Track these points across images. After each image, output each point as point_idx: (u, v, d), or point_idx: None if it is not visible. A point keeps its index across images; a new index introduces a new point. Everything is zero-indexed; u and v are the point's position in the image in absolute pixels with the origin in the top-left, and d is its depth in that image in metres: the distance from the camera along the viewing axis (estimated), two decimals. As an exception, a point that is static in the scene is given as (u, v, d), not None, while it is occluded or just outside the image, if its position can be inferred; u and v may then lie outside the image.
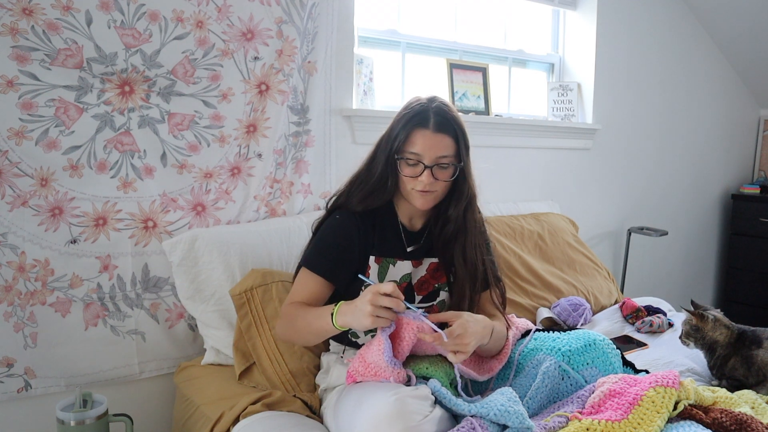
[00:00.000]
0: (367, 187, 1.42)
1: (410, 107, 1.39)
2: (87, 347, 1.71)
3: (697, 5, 3.33)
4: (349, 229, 1.42)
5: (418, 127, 1.35)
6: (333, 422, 1.33)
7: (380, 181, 1.41)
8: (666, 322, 2.13)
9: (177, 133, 1.79)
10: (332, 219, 1.45)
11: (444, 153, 1.36)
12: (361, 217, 1.44)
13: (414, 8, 2.55)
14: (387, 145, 1.40)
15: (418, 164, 1.36)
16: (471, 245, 1.45)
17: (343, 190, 1.48)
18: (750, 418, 1.20)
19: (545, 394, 1.31)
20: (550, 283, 2.28)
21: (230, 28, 1.81)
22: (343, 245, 1.41)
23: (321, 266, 1.41)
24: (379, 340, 1.23)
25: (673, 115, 3.42)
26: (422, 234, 1.50)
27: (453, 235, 1.44)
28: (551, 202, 2.79)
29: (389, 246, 1.46)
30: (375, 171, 1.42)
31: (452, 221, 1.44)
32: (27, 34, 1.54)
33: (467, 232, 1.44)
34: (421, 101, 1.39)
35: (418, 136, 1.35)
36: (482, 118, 2.52)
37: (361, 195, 1.43)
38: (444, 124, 1.36)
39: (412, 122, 1.36)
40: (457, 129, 1.37)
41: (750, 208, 3.67)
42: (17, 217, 1.59)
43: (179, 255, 1.74)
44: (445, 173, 1.38)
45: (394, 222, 1.48)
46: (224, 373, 1.68)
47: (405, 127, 1.36)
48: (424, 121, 1.35)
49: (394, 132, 1.38)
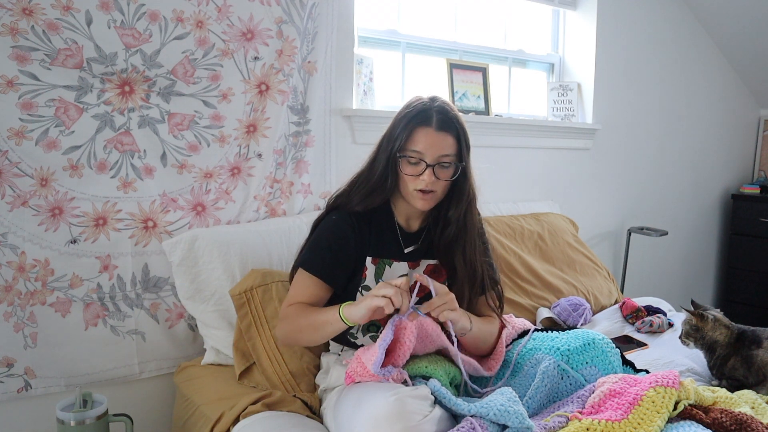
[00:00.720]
0: (368, 187, 1.42)
1: (412, 106, 1.39)
2: (87, 347, 1.71)
3: (697, 5, 3.33)
4: (344, 230, 1.43)
5: (420, 126, 1.35)
6: (333, 422, 1.33)
7: (380, 180, 1.41)
8: (666, 322, 2.13)
9: (177, 133, 1.79)
10: (328, 219, 1.46)
11: (446, 152, 1.36)
12: (357, 217, 1.44)
13: (414, 8, 2.55)
14: (389, 144, 1.39)
15: (420, 163, 1.36)
16: (471, 247, 1.45)
17: (344, 189, 1.48)
18: (750, 418, 1.20)
19: (544, 393, 1.31)
20: (550, 283, 2.28)
21: (230, 28, 1.81)
22: (339, 246, 1.42)
23: (318, 267, 1.41)
24: (374, 351, 1.24)
25: (673, 115, 3.42)
26: (420, 235, 1.50)
27: (454, 237, 1.44)
28: (551, 202, 2.79)
29: (386, 247, 1.46)
30: (376, 170, 1.41)
31: (453, 223, 1.44)
32: (27, 34, 1.54)
33: (467, 234, 1.44)
34: (423, 100, 1.39)
35: (420, 135, 1.35)
36: (482, 118, 2.52)
37: (362, 194, 1.43)
38: (447, 123, 1.36)
39: (414, 121, 1.36)
40: (459, 128, 1.38)
41: (750, 208, 3.67)
42: (17, 217, 1.59)
43: (179, 255, 1.74)
44: (447, 172, 1.38)
45: (391, 223, 1.48)
46: (224, 373, 1.68)
47: (407, 126, 1.36)
48: (426, 119, 1.35)
49: (396, 131, 1.38)
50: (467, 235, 1.44)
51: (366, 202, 1.42)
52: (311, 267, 1.42)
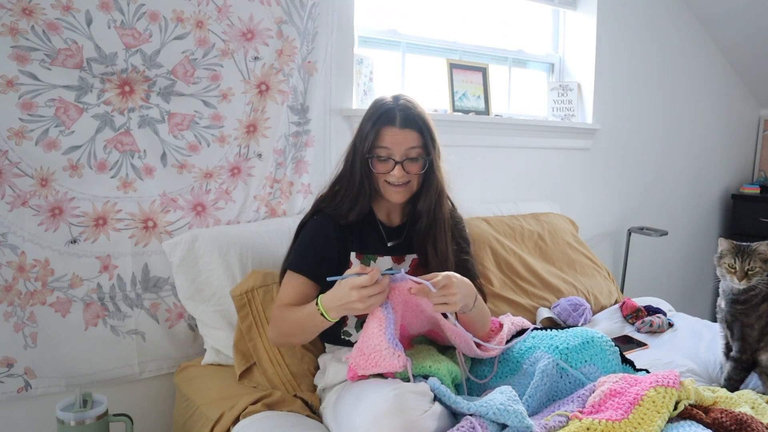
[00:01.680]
0: (353, 193, 1.47)
1: (376, 107, 1.45)
2: (87, 347, 1.71)
3: (696, 5, 3.33)
4: (326, 229, 1.47)
5: (385, 125, 1.41)
6: (333, 421, 1.33)
7: (360, 184, 1.46)
8: (666, 322, 2.13)
9: (177, 133, 1.79)
10: (311, 221, 1.51)
11: (411, 144, 1.42)
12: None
13: (414, 8, 2.55)
14: (360, 146, 1.45)
15: (388, 160, 1.42)
16: (442, 238, 1.49)
17: (326, 194, 1.53)
18: (750, 418, 1.20)
19: (544, 392, 1.31)
20: (550, 283, 2.28)
21: (230, 28, 1.81)
22: (322, 244, 1.46)
23: (303, 266, 1.45)
24: (380, 318, 1.22)
25: (673, 115, 3.42)
26: (402, 230, 1.54)
27: (426, 229, 1.49)
28: (551, 202, 2.79)
29: (369, 242, 1.51)
30: (356, 175, 1.46)
31: (423, 215, 1.48)
32: (27, 34, 1.54)
33: (437, 225, 1.49)
34: (387, 101, 1.45)
35: (386, 134, 1.41)
36: (482, 118, 2.52)
37: (349, 202, 1.47)
38: (409, 120, 1.42)
39: (380, 121, 1.42)
40: (422, 124, 1.43)
41: (750, 208, 3.67)
42: (17, 217, 1.59)
43: (179, 255, 1.74)
44: (416, 166, 1.44)
45: (372, 218, 1.52)
46: (224, 373, 1.68)
47: (374, 127, 1.42)
48: (390, 119, 1.41)
49: (364, 133, 1.44)
50: (437, 226, 1.49)
51: (357, 210, 1.47)
52: (296, 266, 1.46)
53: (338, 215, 1.47)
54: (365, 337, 1.25)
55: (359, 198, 1.46)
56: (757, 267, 1.55)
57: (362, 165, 1.44)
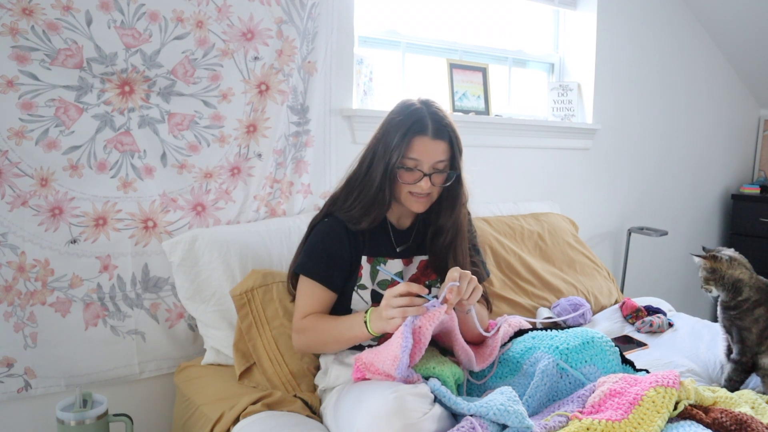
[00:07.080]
0: (368, 198, 1.43)
1: (406, 113, 1.39)
2: (87, 347, 1.71)
3: (697, 5, 3.33)
4: (338, 233, 1.46)
5: (417, 135, 1.37)
6: (333, 421, 1.33)
7: (378, 192, 1.42)
8: (666, 322, 2.13)
9: (177, 133, 1.79)
10: (322, 224, 1.49)
11: (440, 158, 1.39)
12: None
13: (414, 8, 2.55)
14: (385, 153, 1.39)
15: (415, 170, 1.39)
16: (462, 249, 1.49)
17: (339, 195, 1.50)
18: (750, 418, 1.20)
19: (544, 392, 1.31)
20: (550, 283, 2.28)
21: (230, 28, 1.81)
22: (335, 249, 1.45)
23: (317, 272, 1.44)
24: (396, 356, 1.22)
25: (673, 115, 3.42)
26: (411, 232, 1.54)
27: (449, 243, 1.48)
28: (551, 202, 2.79)
29: (379, 246, 1.49)
30: (374, 180, 1.41)
31: (448, 230, 1.47)
32: (27, 34, 1.54)
33: (459, 236, 1.48)
34: (417, 107, 1.40)
35: (416, 144, 1.37)
36: (482, 118, 2.52)
37: (362, 209, 1.43)
38: (441, 131, 1.39)
39: (411, 130, 1.37)
40: (452, 134, 1.41)
41: (750, 208, 3.67)
42: (17, 217, 1.59)
43: (179, 255, 1.74)
44: (442, 178, 1.42)
45: (383, 222, 1.51)
46: (224, 373, 1.68)
47: (405, 137, 1.37)
48: (423, 128, 1.37)
49: (392, 139, 1.38)
50: (459, 237, 1.48)
51: (370, 219, 1.43)
52: (312, 273, 1.44)
53: (349, 220, 1.44)
54: (381, 355, 1.26)
55: (374, 206, 1.42)
56: (710, 280, 1.62)
57: (384, 173, 1.39)
